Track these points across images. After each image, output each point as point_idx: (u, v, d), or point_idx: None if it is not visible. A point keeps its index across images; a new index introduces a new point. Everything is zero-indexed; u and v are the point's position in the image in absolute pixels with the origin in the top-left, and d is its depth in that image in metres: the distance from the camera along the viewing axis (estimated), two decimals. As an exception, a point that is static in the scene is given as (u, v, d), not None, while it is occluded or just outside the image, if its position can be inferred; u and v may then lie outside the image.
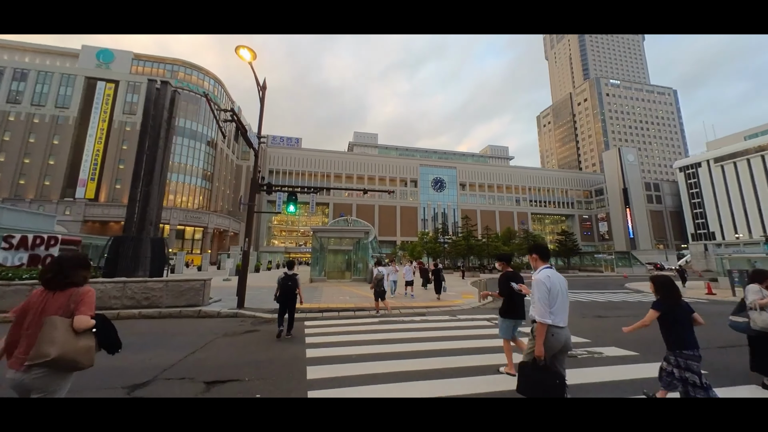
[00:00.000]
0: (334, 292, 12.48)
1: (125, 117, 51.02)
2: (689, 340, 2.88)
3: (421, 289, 13.64)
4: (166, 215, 47.53)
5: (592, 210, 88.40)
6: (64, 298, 1.94)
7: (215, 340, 5.41)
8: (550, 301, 2.66)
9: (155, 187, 10.59)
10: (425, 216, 78.28)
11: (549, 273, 2.80)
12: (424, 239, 37.86)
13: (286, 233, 77.95)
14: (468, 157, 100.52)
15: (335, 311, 8.02)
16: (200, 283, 7.46)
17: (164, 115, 11.25)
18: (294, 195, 7.90)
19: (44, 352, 1.76)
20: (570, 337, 2.78)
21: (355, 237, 16.55)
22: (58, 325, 1.84)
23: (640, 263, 32.78)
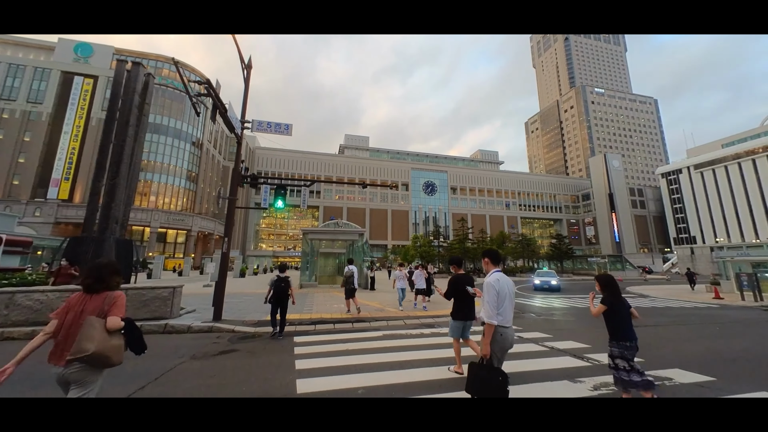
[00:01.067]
0: (326, 298, 11.35)
1: (103, 113, 48.36)
2: (628, 333, 3.25)
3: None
4: (146, 217, 45.19)
5: (579, 214, 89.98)
6: (100, 301, 2.17)
7: (179, 365, 4.26)
8: (498, 303, 2.79)
9: (122, 181, 9.28)
10: (416, 220, 77.77)
11: (498, 276, 2.93)
12: (417, 243, 37.03)
13: (275, 236, 75.91)
14: (459, 161, 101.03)
15: (330, 323, 6.94)
16: (168, 291, 6.14)
17: (135, 100, 9.96)
18: (283, 189, 6.83)
19: (84, 347, 1.98)
20: (514, 337, 2.93)
21: (348, 239, 15.44)
22: (95, 325, 2.06)
23: (632, 266, 32.88)
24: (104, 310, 2.14)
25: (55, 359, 2.04)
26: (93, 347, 1.96)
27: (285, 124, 7.10)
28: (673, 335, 6.47)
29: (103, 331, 2.05)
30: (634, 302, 12.76)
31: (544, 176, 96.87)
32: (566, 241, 37.90)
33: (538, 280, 17.77)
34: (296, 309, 8.75)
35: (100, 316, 2.11)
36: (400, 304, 9.26)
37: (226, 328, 6.05)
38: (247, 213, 68.51)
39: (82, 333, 2.00)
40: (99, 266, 2.31)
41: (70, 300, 2.19)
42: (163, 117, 50.33)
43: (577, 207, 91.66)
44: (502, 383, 2.61)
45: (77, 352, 1.95)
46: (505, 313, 2.84)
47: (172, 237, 51.36)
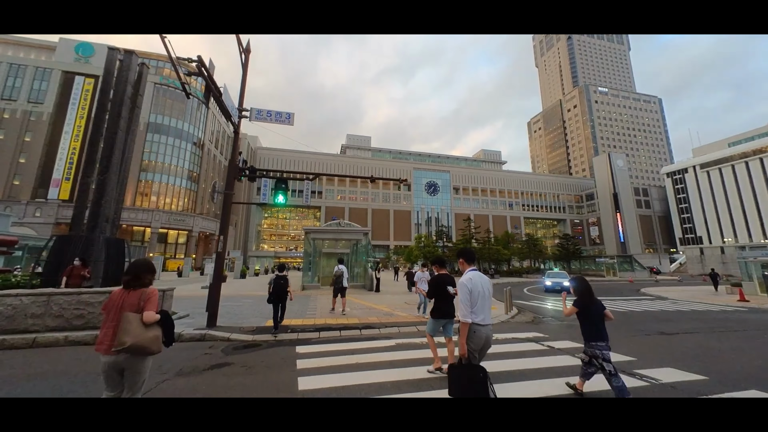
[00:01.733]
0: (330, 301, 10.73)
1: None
2: (601, 334, 3.34)
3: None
4: (147, 217, 44.80)
5: (583, 215, 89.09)
6: (136, 297, 2.42)
7: (161, 384, 3.65)
8: (471, 301, 2.82)
9: (113, 177, 8.70)
10: (419, 220, 77.16)
11: (471, 276, 2.95)
12: (420, 243, 36.26)
13: (276, 237, 75.54)
14: (461, 161, 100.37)
15: (335, 329, 6.32)
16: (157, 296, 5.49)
17: (127, 91, 9.38)
18: (284, 183, 6.21)
19: (122, 341, 2.23)
20: (491, 335, 2.91)
21: (352, 239, 14.79)
22: (131, 320, 2.30)
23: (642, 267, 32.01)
24: (140, 306, 2.38)
25: (102, 349, 2.31)
26: (130, 341, 2.22)
27: (287, 113, 6.51)
28: (722, 345, 5.79)
29: (139, 324, 2.29)
30: (653, 304, 12.07)
31: (548, 176, 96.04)
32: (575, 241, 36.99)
33: (549, 282, 17.05)
34: (298, 313, 8.14)
35: (136, 311, 2.35)
36: (423, 311, 7.89)
37: (221, 336, 5.45)
38: (249, 213, 68.11)
39: (121, 327, 2.25)
40: (136, 265, 2.57)
41: (112, 296, 2.45)
42: (164, 117, 50.00)
43: (581, 207, 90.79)
44: (482, 379, 2.58)
45: (118, 345, 2.23)
46: (480, 311, 2.84)
47: (173, 237, 51.03)
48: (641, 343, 5.58)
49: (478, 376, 2.58)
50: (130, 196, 45.32)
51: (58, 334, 4.89)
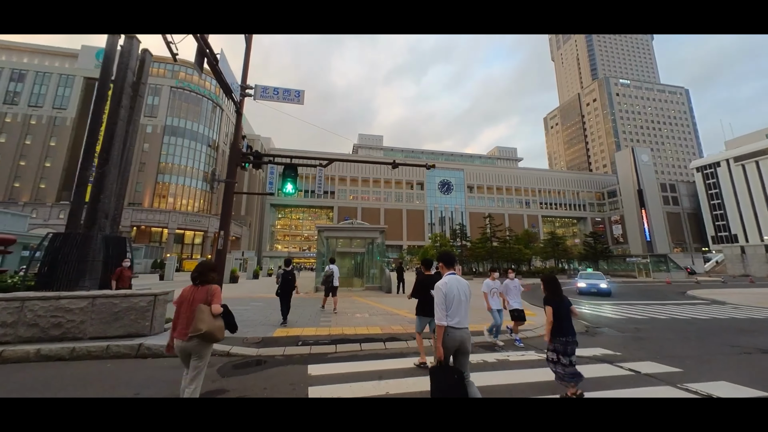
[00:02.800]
0: (346, 305, 9.80)
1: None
2: (569, 329, 3.49)
3: None
4: (164, 218, 45.47)
5: (605, 212, 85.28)
6: (204, 293, 2.90)
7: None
8: (446, 305, 2.88)
9: (112, 169, 8.03)
10: (432, 219, 75.78)
11: (447, 280, 3.03)
12: (436, 242, 34.80)
13: (290, 237, 75.83)
14: (476, 158, 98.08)
15: (354, 341, 5.36)
16: (147, 300, 4.66)
17: (128, 78, 8.71)
18: (292, 170, 5.35)
19: (198, 327, 2.67)
20: (469, 339, 2.92)
21: (368, 237, 13.84)
22: (204, 311, 2.75)
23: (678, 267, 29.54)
24: (208, 300, 2.85)
25: (179, 335, 2.81)
26: (205, 327, 2.69)
27: (296, 91, 5.64)
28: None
29: (210, 315, 2.76)
30: (713, 310, 10.55)
31: (567, 173, 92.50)
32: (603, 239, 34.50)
33: (583, 283, 15.54)
34: (311, 319, 7.24)
35: (206, 304, 2.81)
36: (494, 334, 5.75)
37: (220, 349, 4.56)
38: (263, 213, 68.60)
39: (197, 317, 2.71)
40: (202, 265, 3.06)
41: (183, 292, 2.95)
42: (180, 119, 50.82)
43: (602, 204, 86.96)
44: (458, 380, 2.67)
45: (194, 331, 2.68)
46: (455, 314, 2.88)
47: (190, 238, 51.77)
48: (754, 365, 4.34)
49: (453, 378, 2.66)
50: (148, 197, 46.31)
51: (29, 346, 4.16)
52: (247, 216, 63.15)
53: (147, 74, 9.72)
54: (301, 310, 8.33)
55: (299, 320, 7.04)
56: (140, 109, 9.48)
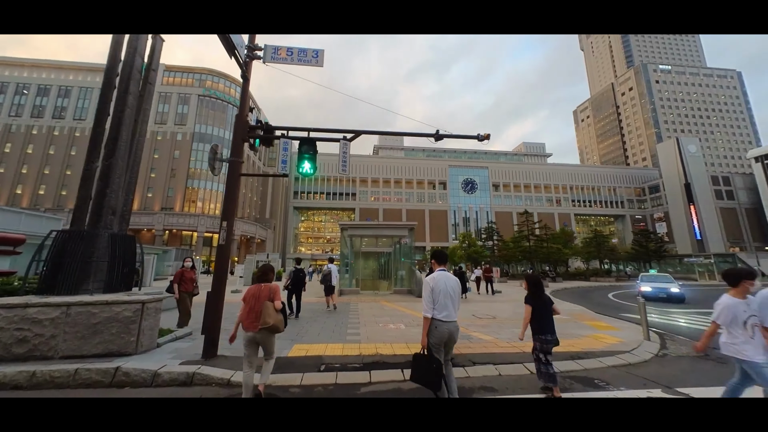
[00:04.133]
0: (375, 311, 8.60)
1: (156, 127, 51.79)
2: (549, 328, 3.54)
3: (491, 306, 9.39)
4: (193, 222, 46.99)
5: (647, 209, 78.52)
6: (267, 290, 3.40)
7: None
8: (433, 298, 3.03)
9: (120, 162, 7.30)
10: (456, 220, 73.28)
11: (435, 275, 3.18)
12: (464, 243, 32.67)
13: (313, 240, 76.27)
14: (501, 155, 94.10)
15: (394, 365, 4.08)
16: (133, 309, 3.74)
17: (137, 62, 7.96)
18: (311, 145, 4.20)
19: (267, 321, 3.19)
20: (457, 331, 3.10)
21: (395, 235, 12.58)
22: (270, 306, 3.25)
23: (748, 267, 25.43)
24: (271, 297, 3.34)
25: (248, 327, 3.28)
26: (272, 320, 3.20)
27: (313, 51, 4.53)
28: None
29: (274, 310, 3.26)
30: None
31: (601, 167, 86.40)
32: (657, 236, 30.63)
33: (648, 287, 13.28)
34: (337, 332, 6.04)
35: (270, 300, 3.30)
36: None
37: (218, 377, 3.47)
38: (287, 216, 69.52)
39: (265, 311, 3.20)
40: (264, 267, 3.60)
41: (250, 290, 3.43)
42: (208, 126, 52.55)
43: (643, 201, 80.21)
44: (436, 369, 2.82)
45: (264, 324, 3.18)
46: (443, 308, 3.00)
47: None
48: None
49: (431, 367, 2.84)
50: (179, 202, 48.13)
51: (-18, 368, 3.21)
52: (271, 219, 64.18)
53: (158, 61, 9.00)
54: (324, 318, 7.27)
55: (321, 332, 5.94)
56: (150, 96, 8.74)
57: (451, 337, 3.02)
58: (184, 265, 6.40)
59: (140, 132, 8.13)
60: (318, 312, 8.50)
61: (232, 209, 4.27)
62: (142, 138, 8.26)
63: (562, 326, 6.76)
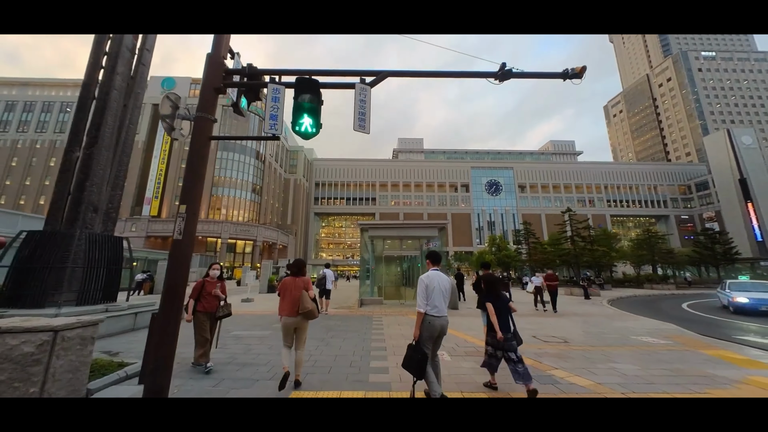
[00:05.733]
0: (404, 329, 6.92)
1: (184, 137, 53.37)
2: (506, 325, 3.70)
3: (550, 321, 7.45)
4: (217, 229, 47.74)
5: (694, 208, 71.57)
6: (302, 282, 3.89)
7: None
8: (427, 295, 3.32)
9: (103, 152, 6.32)
10: (480, 223, 70.22)
11: (430, 274, 3.45)
12: (493, 246, 29.96)
13: (333, 245, 75.96)
14: (526, 155, 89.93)
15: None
16: (36, 343, 2.17)
17: (125, 40, 7.02)
18: (312, 91, 2.69)
19: (305, 306, 3.69)
20: (446, 324, 3.40)
21: (423, 236, 10.74)
22: (306, 295, 3.76)
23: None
24: (306, 287, 3.82)
25: (288, 314, 3.73)
26: (310, 306, 3.71)
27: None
28: None
29: (309, 298, 3.76)
30: None
31: (639, 164, 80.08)
32: (725, 238, 26.45)
33: (744, 298, 10.60)
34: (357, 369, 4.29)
35: (305, 290, 3.82)
36: None
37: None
38: (307, 222, 69.64)
39: (303, 299, 3.71)
40: (297, 262, 4.13)
41: (286, 282, 3.92)
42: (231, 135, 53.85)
43: (689, 199, 73.34)
44: (421, 360, 3.13)
45: (303, 309, 3.68)
46: (435, 304, 3.30)
47: (241, 247, 53.96)
48: None
49: (417, 357, 3.14)
50: (204, 209, 49.24)
51: None
52: (292, 225, 64.44)
53: (153, 41, 7.92)
54: (338, 342, 5.64)
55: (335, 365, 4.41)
56: (144, 80, 7.68)
57: (442, 331, 3.34)
58: (209, 274, 4.70)
59: (131, 119, 7.09)
60: (334, 328, 7.03)
61: (197, 189, 2.92)
62: (134, 126, 7.22)
63: (680, 358, 4.84)
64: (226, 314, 4.64)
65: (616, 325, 7.94)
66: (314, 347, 5.27)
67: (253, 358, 4.85)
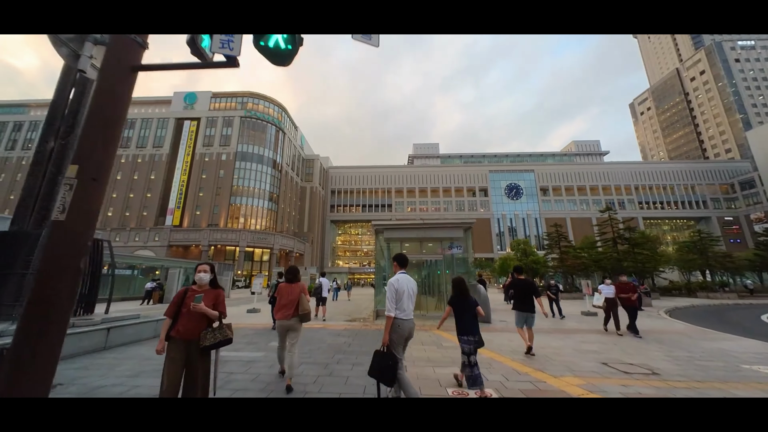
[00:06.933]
0: (429, 351, 5.52)
1: (204, 149, 55.21)
2: (471, 329, 3.72)
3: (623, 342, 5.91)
4: (235, 237, 48.13)
5: (739, 209, 65.62)
6: (298, 287, 4.19)
7: None
8: (396, 299, 3.29)
9: (84, 144, 5.26)
10: (501, 229, 67.41)
11: (398, 277, 3.41)
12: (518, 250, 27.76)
13: (350, 253, 75.29)
14: (547, 157, 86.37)
15: None
16: None
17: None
18: None
19: (305, 307, 4.03)
20: (414, 327, 3.39)
21: (447, 237, 9.21)
22: (304, 298, 4.07)
23: None
24: (301, 292, 4.14)
25: (282, 317, 4.04)
26: (307, 308, 4.03)
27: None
28: None
29: (307, 301, 4.08)
30: None
31: (672, 163, 74.81)
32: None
33: None
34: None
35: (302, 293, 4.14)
36: None
37: None
38: (324, 230, 69.49)
39: (301, 302, 4.03)
40: (292, 269, 4.50)
41: (282, 287, 4.22)
42: (249, 145, 55.01)
43: (732, 199, 67.42)
44: (392, 366, 3.02)
45: (300, 311, 4.01)
46: (403, 307, 3.29)
47: (258, 255, 54.19)
48: None
49: (388, 363, 3.04)
50: (223, 218, 49.99)
51: None
52: (308, 233, 64.39)
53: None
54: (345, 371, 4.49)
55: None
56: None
57: (410, 333, 3.34)
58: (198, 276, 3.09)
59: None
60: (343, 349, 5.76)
61: (106, 147, 1.98)
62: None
63: None
64: (217, 342, 2.95)
65: (706, 346, 6.29)
66: (313, 378, 4.09)
67: (228, 394, 3.72)
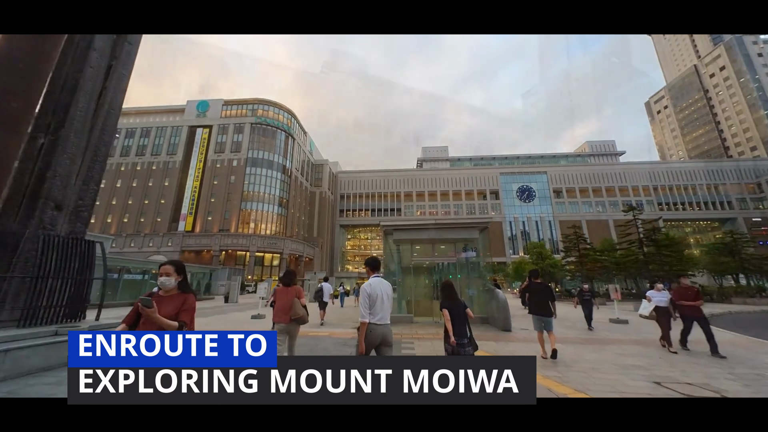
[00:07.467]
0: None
1: (216, 155, 56.14)
2: (461, 332, 3.69)
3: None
4: (246, 242, 48.41)
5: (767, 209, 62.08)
6: (293, 291, 4.39)
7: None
8: (369, 304, 3.19)
9: (72, 138, 5.29)
10: (513, 232, 65.83)
11: (371, 282, 3.35)
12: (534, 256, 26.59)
13: (360, 258, 74.93)
14: (560, 158, 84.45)
15: None
16: None
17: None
18: None
19: (298, 312, 4.18)
20: (390, 333, 3.26)
21: (461, 239, 8.61)
22: (297, 303, 4.24)
23: None
24: (297, 295, 4.35)
25: (280, 319, 4.21)
26: (301, 313, 4.18)
27: None
28: None
29: (300, 305, 4.24)
30: None
31: (693, 162, 71.89)
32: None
33: None
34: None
35: (297, 298, 4.32)
36: None
37: None
38: (333, 234, 69.40)
39: (294, 306, 4.19)
40: (289, 273, 4.73)
41: (278, 290, 4.45)
42: (259, 151, 55.67)
43: (760, 199, 64.18)
44: None
45: (294, 315, 4.16)
46: (378, 312, 3.20)
47: (269, 260, 54.37)
48: None
49: None
50: (234, 224, 50.44)
51: None
52: (318, 237, 64.35)
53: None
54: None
55: None
56: (130, 59, 6.60)
57: (386, 339, 3.21)
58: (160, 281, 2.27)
59: (111, 103, 6.03)
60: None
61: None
62: (114, 111, 6.15)
63: None
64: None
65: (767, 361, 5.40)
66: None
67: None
